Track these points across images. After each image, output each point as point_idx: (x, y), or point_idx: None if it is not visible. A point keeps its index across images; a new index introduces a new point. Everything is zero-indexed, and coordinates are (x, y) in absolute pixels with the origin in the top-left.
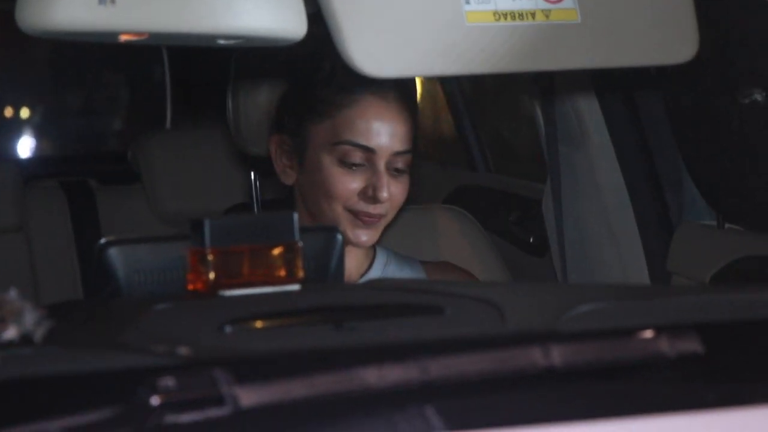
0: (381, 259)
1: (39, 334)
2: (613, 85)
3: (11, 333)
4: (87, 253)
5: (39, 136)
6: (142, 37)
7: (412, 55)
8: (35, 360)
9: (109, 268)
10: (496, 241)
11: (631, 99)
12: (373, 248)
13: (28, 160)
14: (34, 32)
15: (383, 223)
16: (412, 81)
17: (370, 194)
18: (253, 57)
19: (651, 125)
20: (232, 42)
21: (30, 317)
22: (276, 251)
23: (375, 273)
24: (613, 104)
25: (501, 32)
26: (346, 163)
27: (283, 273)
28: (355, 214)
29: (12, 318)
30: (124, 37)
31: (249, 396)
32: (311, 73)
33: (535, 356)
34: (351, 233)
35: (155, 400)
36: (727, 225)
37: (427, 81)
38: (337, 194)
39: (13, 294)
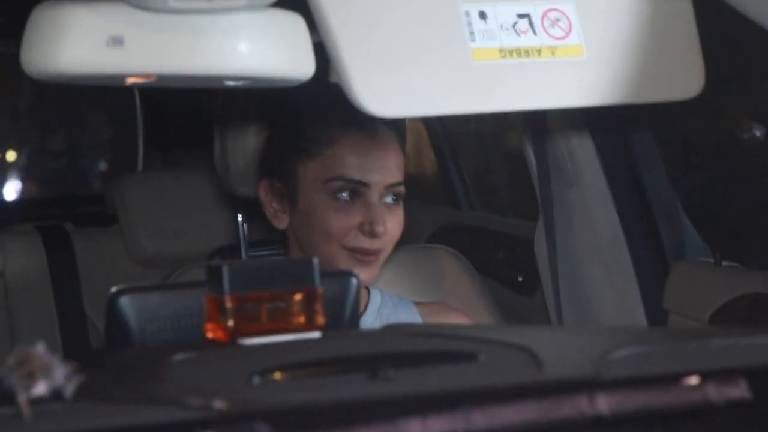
0: (375, 300)
1: (70, 390)
2: (605, 122)
3: (41, 389)
4: (64, 297)
5: (13, 179)
6: (150, 80)
7: (418, 93)
8: (69, 416)
9: (121, 317)
10: (484, 280)
11: (624, 136)
12: (367, 290)
13: (2, 204)
14: (39, 76)
15: (381, 259)
16: None
17: (366, 229)
18: (240, 96)
19: (644, 162)
20: (240, 83)
21: (60, 372)
22: (296, 297)
23: (370, 315)
24: (606, 141)
25: (507, 70)
26: (339, 200)
27: (303, 320)
28: (353, 252)
29: (41, 373)
30: (131, 80)
31: None
32: (296, 114)
33: (582, 404)
34: None
35: None
36: (724, 262)
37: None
38: (334, 232)
39: (40, 348)
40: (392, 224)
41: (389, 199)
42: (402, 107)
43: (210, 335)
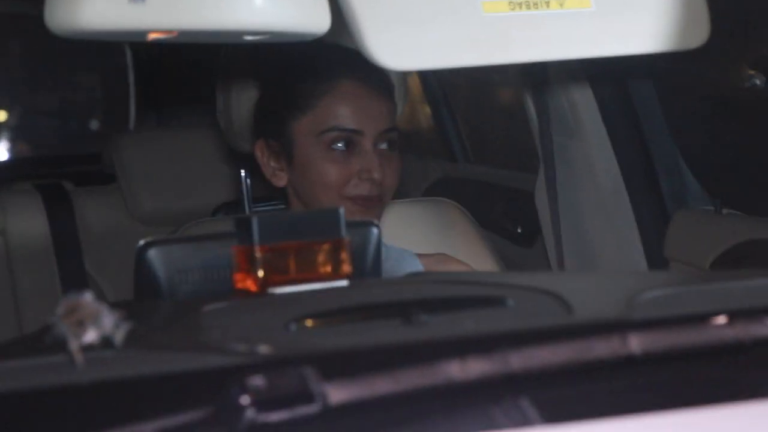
0: None
1: (119, 337)
2: (606, 73)
3: (91, 336)
4: (65, 255)
5: (10, 138)
6: (171, 36)
7: (430, 46)
8: (120, 363)
9: (150, 269)
10: (482, 232)
11: (624, 87)
12: None
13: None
14: (63, 33)
15: (381, 206)
16: None
17: (364, 176)
18: (241, 52)
19: (645, 113)
20: (258, 38)
21: (108, 320)
22: (323, 248)
23: None
24: (607, 93)
25: (517, 21)
26: (335, 150)
27: (330, 269)
28: (353, 201)
29: (91, 321)
30: (152, 36)
31: (337, 393)
32: (284, 71)
33: (614, 344)
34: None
35: (245, 400)
36: (725, 210)
37: None
38: (333, 183)
39: (88, 297)
40: (389, 170)
41: (384, 146)
42: (414, 60)
43: (240, 285)
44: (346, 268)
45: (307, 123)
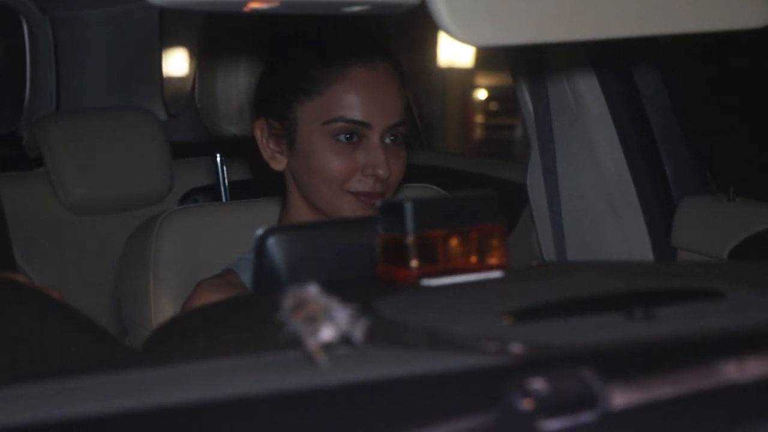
0: None
1: (359, 334)
2: (609, 58)
3: (328, 333)
4: None
5: None
6: (272, 5)
7: (507, 21)
8: (365, 363)
9: (271, 258)
10: None
11: (629, 71)
12: None
13: None
14: (161, 2)
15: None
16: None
17: (369, 172)
18: (224, 30)
19: (649, 97)
20: (357, 9)
21: (342, 315)
22: (480, 235)
23: None
24: (611, 77)
25: None
26: (340, 141)
27: (486, 258)
28: (355, 195)
29: (323, 317)
30: (252, 5)
31: (619, 396)
32: (294, 50)
33: None
34: (352, 214)
35: (528, 405)
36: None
37: None
38: (335, 175)
39: (314, 290)
40: (395, 166)
41: (391, 140)
42: (490, 35)
43: (386, 276)
44: (503, 257)
45: (313, 109)
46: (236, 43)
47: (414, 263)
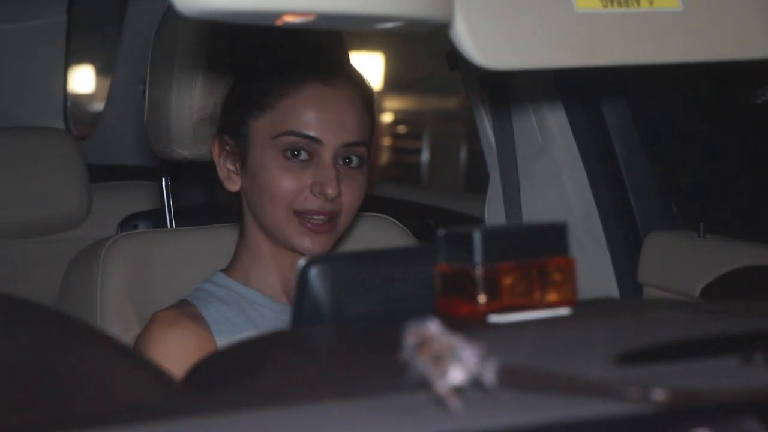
0: None
1: (490, 376)
2: (577, 88)
3: (458, 376)
4: None
5: None
6: (307, 19)
7: (523, 44)
8: (503, 408)
9: (313, 290)
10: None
11: (597, 102)
12: None
13: None
14: (193, 13)
15: (335, 230)
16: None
17: (317, 190)
18: (172, 43)
19: (616, 129)
20: (389, 25)
21: (469, 355)
22: (549, 269)
23: None
24: (578, 108)
25: (610, 20)
26: (289, 158)
27: (555, 294)
28: (302, 217)
29: (450, 357)
30: (286, 18)
31: None
32: (253, 65)
33: None
34: (299, 241)
35: None
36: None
37: None
38: (281, 193)
39: (434, 327)
40: (349, 190)
41: (347, 161)
42: (508, 59)
43: (447, 311)
44: (573, 293)
45: (265, 123)
46: (190, 59)
47: (482, 298)
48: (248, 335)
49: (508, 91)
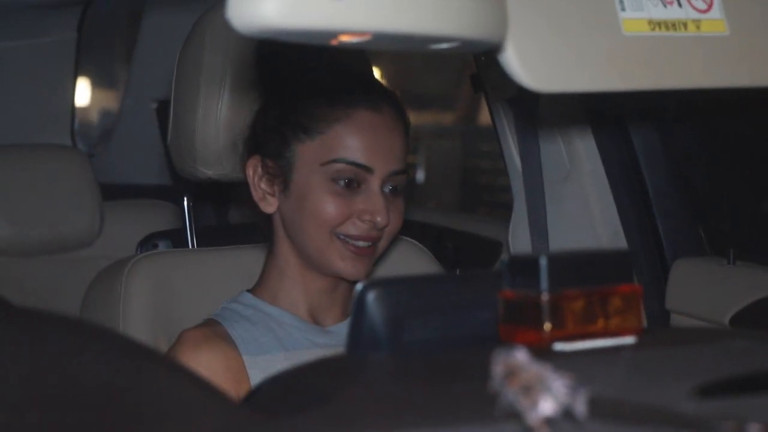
0: None
1: (581, 408)
2: (605, 113)
3: (549, 407)
4: None
5: None
6: (363, 39)
7: (573, 68)
8: None
9: (371, 314)
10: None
11: (625, 127)
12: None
13: None
14: (248, 31)
15: (375, 255)
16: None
17: (366, 218)
18: (198, 63)
19: (645, 155)
20: (443, 46)
21: (559, 385)
22: (616, 295)
23: None
24: (606, 132)
25: (657, 44)
26: (339, 184)
27: (621, 322)
28: (344, 242)
29: (540, 387)
30: (343, 38)
31: None
32: (295, 88)
33: None
34: (342, 264)
35: None
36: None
37: None
38: (329, 218)
39: (522, 356)
40: (393, 216)
41: (390, 189)
42: (556, 81)
43: (509, 338)
44: (639, 322)
45: (313, 148)
46: (217, 79)
47: (547, 326)
48: (276, 355)
49: (535, 114)
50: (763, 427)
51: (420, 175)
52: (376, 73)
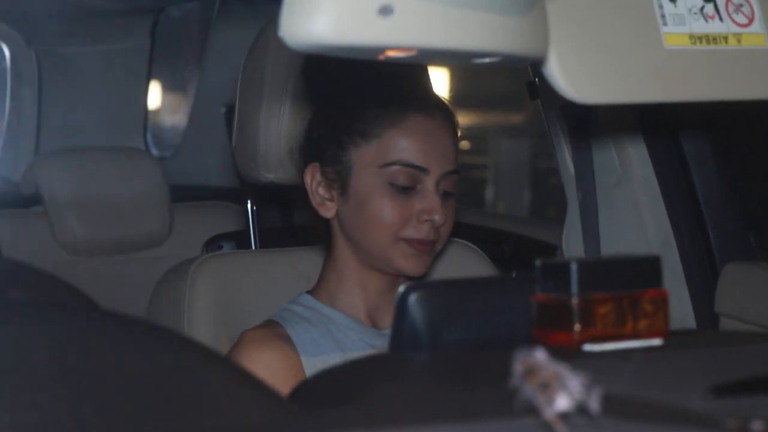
0: None
1: (595, 404)
2: (657, 120)
3: (564, 403)
4: None
5: None
6: (409, 54)
7: (614, 80)
8: None
9: (413, 315)
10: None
11: (676, 134)
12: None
13: None
14: (299, 45)
15: (434, 251)
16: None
17: (425, 218)
18: (262, 70)
19: (696, 161)
20: (486, 60)
21: (575, 383)
22: (644, 300)
23: None
24: (657, 139)
25: (698, 57)
26: (396, 187)
27: (648, 325)
28: (408, 243)
29: (557, 384)
30: (391, 53)
31: None
32: (349, 95)
33: None
34: (404, 262)
35: None
36: None
37: None
38: (390, 221)
39: (543, 355)
40: (448, 215)
41: (446, 188)
42: (598, 94)
43: (542, 339)
44: (665, 324)
45: (370, 152)
46: (280, 85)
47: (577, 327)
48: (334, 356)
49: (589, 121)
50: (766, 423)
51: (490, 176)
52: (445, 75)
